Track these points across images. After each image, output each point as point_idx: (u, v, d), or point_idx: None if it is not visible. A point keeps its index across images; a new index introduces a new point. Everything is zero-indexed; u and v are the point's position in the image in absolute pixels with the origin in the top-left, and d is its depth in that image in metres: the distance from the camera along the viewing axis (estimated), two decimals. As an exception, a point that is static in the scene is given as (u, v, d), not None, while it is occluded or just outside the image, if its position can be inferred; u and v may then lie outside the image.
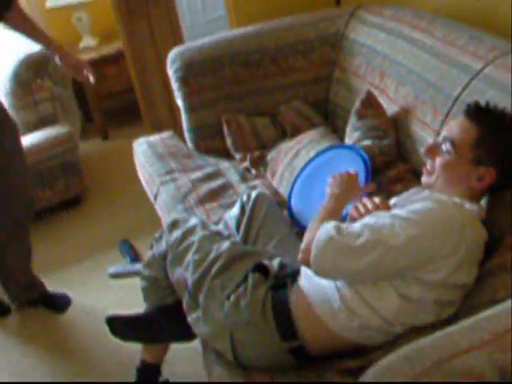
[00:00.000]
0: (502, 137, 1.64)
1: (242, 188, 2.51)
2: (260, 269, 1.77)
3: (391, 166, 2.24)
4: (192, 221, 2.04)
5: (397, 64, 2.43)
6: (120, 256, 3.15)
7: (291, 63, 2.88)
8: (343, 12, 2.94)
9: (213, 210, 2.39)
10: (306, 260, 1.60)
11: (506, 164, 1.64)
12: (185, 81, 2.84)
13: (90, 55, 4.39)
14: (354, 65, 2.72)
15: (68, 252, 3.27)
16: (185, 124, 2.94)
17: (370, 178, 2.08)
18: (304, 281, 1.70)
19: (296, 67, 2.88)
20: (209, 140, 2.90)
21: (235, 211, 2.14)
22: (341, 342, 1.63)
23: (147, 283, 2.08)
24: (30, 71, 3.50)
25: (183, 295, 1.87)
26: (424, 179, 1.77)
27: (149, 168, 2.79)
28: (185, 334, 1.95)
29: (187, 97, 2.86)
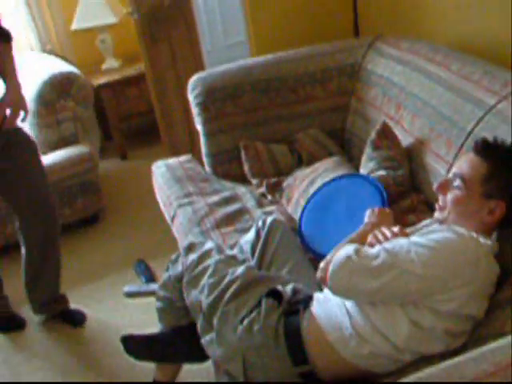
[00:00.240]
0: (510, 170, 1.68)
1: (258, 213, 2.52)
2: (273, 294, 1.79)
3: (405, 197, 2.24)
4: (208, 244, 2.07)
5: (413, 96, 2.44)
6: (135, 275, 3.17)
7: (309, 92, 2.90)
8: (361, 43, 2.97)
9: (228, 234, 2.40)
10: (324, 277, 1.64)
11: None
12: (205, 106, 2.87)
13: (113, 76, 4.48)
14: (371, 95, 2.73)
15: (85, 269, 3.29)
16: (203, 148, 2.96)
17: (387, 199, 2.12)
18: (316, 307, 1.72)
19: (314, 96, 2.91)
20: (226, 165, 2.91)
21: (250, 236, 2.16)
22: (351, 369, 1.65)
23: (163, 304, 2.10)
24: (54, 92, 3.57)
25: (198, 317, 1.89)
26: (437, 214, 1.80)
27: (167, 190, 2.81)
28: (198, 356, 1.97)
29: (206, 122, 2.89)
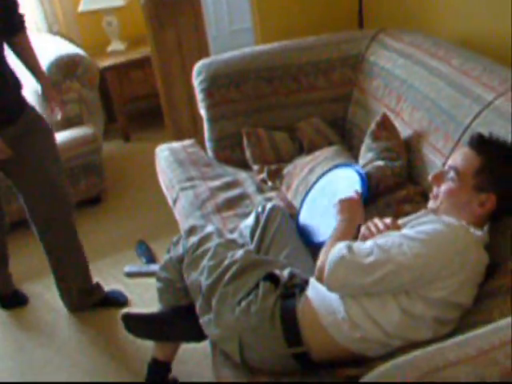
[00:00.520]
0: (503, 165, 1.73)
1: (258, 199, 2.56)
2: (271, 278, 1.84)
3: (401, 187, 2.27)
4: (209, 228, 2.12)
5: (413, 89, 2.47)
6: (136, 256, 3.22)
7: (312, 81, 2.92)
8: (365, 35, 2.99)
9: (229, 219, 2.44)
10: (321, 278, 1.69)
11: (506, 190, 1.73)
12: (209, 92, 2.89)
13: (118, 59, 4.49)
14: (373, 87, 2.76)
15: (86, 249, 3.27)
16: (206, 133, 2.99)
17: (367, 193, 2.14)
18: (312, 292, 1.78)
19: (317, 85, 2.93)
20: (228, 150, 2.95)
21: (250, 221, 2.20)
22: (343, 352, 1.70)
23: (163, 284, 2.14)
24: (60, 73, 3.58)
25: (197, 298, 1.94)
26: (430, 204, 1.86)
27: (169, 174, 2.85)
28: (196, 335, 2.01)
29: (210, 108, 2.91)
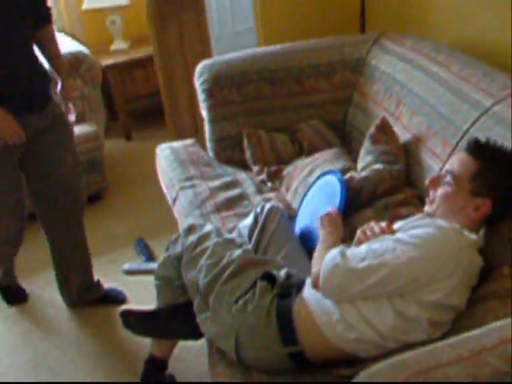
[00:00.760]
0: (499, 171, 1.74)
1: (257, 199, 2.57)
2: (268, 277, 1.86)
3: (399, 191, 2.29)
4: (207, 227, 2.14)
5: (413, 94, 2.49)
6: (135, 254, 3.24)
7: (313, 84, 2.94)
8: (367, 39, 3.01)
9: (228, 218, 2.46)
10: (317, 285, 1.72)
11: (502, 196, 1.74)
12: (210, 93, 2.91)
13: (121, 58, 4.52)
14: (373, 90, 2.78)
15: None
16: (207, 134, 3.01)
17: (344, 205, 2.16)
18: (307, 292, 1.79)
19: (318, 88, 2.95)
20: (229, 151, 2.96)
21: (249, 221, 2.22)
22: (337, 352, 1.72)
23: (161, 282, 2.16)
24: (63, 70, 3.61)
25: (194, 296, 1.95)
26: (426, 208, 1.87)
27: (170, 173, 2.87)
28: (193, 333, 2.02)
29: (212, 108, 2.93)
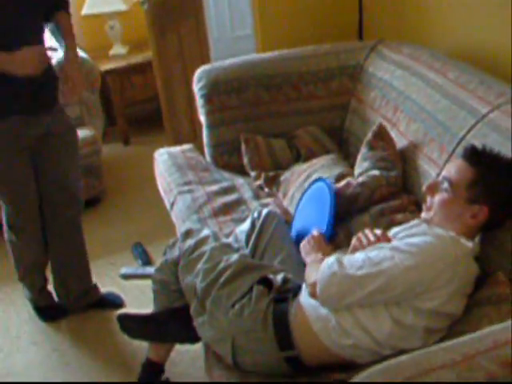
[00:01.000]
0: (495, 178, 1.75)
1: (254, 205, 2.58)
2: (265, 282, 1.87)
3: (396, 197, 2.30)
4: (205, 232, 2.15)
5: (410, 101, 2.50)
6: (132, 258, 3.24)
7: (311, 90, 2.95)
8: (364, 46, 3.02)
9: (225, 223, 2.47)
10: (314, 294, 1.72)
11: (498, 203, 1.75)
12: (209, 98, 2.92)
13: (119, 63, 4.54)
14: (370, 97, 2.79)
15: None
16: (205, 139, 3.01)
17: (335, 209, 2.15)
18: (304, 297, 1.80)
19: (315, 94, 2.96)
20: (226, 156, 2.97)
21: (246, 226, 2.23)
22: (333, 357, 1.73)
23: (158, 286, 2.17)
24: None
25: (191, 300, 1.96)
26: (423, 214, 1.88)
27: (168, 177, 2.88)
28: (189, 337, 2.04)
29: (210, 114, 2.94)
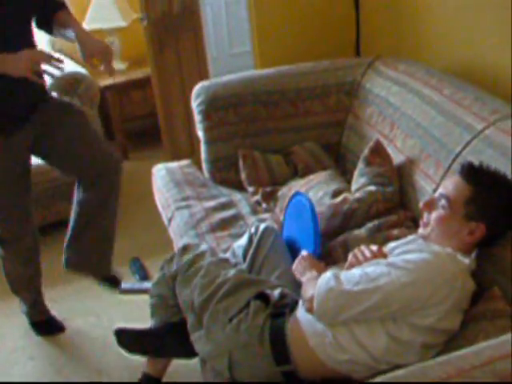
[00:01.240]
0: (493, 196, 1.76)
1: (252, 220, 2.59)
2: (262, 297, 1.88)
3: (392, 212, 2.31)
4: (202, 247, 2.16)
5: (407, 117, 2.52)
6: (130, 273, 3.24)
7: (308, 106, 2.97)
8: (361, 62, 3.04)
9: (223, 239, 2.47)
10: (310, 308, 1.73)
11: (495, 221, 1.76)
12: (207, 114, 2.93)
13: (119, 78, 4.55)
14: (367, 113, 2.81)
15: None
16: (203, 154, 3.02)
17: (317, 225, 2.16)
18: (301, 312, 1.81)
19: (312, 110, 2.98)
20: (224, 172, 2.97)
21: (243, 241, 2.24)
22: (329, 371, 1.73)
23: (156, 301, 2.17)
24: (61, 90, 3.62)
25: (188, 315, 1.97)
26: (420, 230, 1.88)
27: (165, 193, 2.89)
28: (187, 352, 2.04)
29: (208, 130, 2.95)
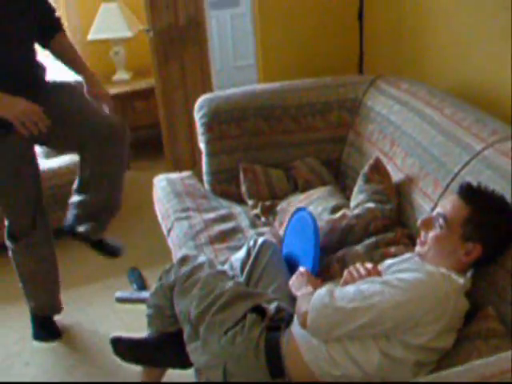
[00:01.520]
0: (490, 217, 1.77)
1: (251, 233, 2.60)
2: (258, 310, 1.90)
3: (390, 229, 2.32)
4: (201, 258, 2.18)
5: (407, 135, 2.54)
6: (128, 282, 3.26)
7: (310, 122, 2.99)
8: (364, 80, 3.07)
9: (221, 251, 2.49)
10: (305, 325, 1.75)
11: (492, 242, 1.77)
12: (209, 127, 2.96)
13: (123, 88, 4.60)
14: (368, 130, 2.83)
15: (79, 273, 3.35)
16: (204, 166, 3.04)
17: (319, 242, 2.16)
18: (296, 327, 1.83)
19: (314, 126, 3.00)
20: (225, 184, 2.99)
21: (241, 254, 2.25)
22: (323, 386, 1.75)
23: (152, 311, 2.19)
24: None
25: (185, 326, 1.99)
26: (417, 248, 1.90)
27: (166, 204, 2.91)
28: (182, 362, 2.06)
29: (210, 142, 2.97)
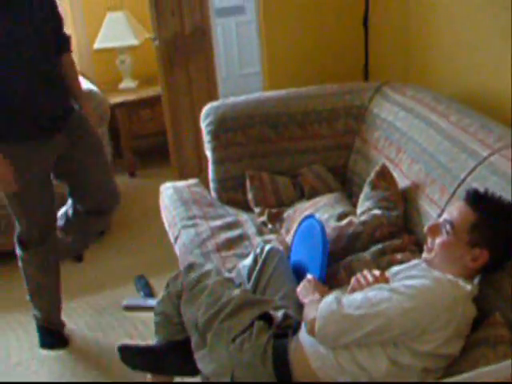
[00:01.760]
0: (497, 223, 1.78)
1: (258, 240, 2.60)
2: (265, 317, 1.90)
3: (396, 236, 2.32)
4: (208, 266, 2.19)
5: (413, 142, 2.55)
6: (135, 290, 3.26)
7: (316, 129, 2.99)
8: (369, 87, 3.07)
9: (228, 258, 2.49)
10: (312, 331, 1.75)
11: (499, 248, 1.77)
12: (216, 135, 2.96)
13: (129, 96, 4.62)
14: (374, 137, 2.83)
15: (87, 281, 3.38)
16: (211, 174, 3.05)
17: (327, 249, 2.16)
18: (304, 334, 1.83)
19: (320, 133, 3.00)
20: (231, 192, 2.99)
21: (248, 261, 2.25)
22: (331, 393, 1.75)
23: (160, 318, 2.19)
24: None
25: (192, 333, 1.99)
26: (424, 255, 1.90)
27: (172, 211, 2.91)
28: (189, 370, 2.07)
29: (216, 150, 2.98)
